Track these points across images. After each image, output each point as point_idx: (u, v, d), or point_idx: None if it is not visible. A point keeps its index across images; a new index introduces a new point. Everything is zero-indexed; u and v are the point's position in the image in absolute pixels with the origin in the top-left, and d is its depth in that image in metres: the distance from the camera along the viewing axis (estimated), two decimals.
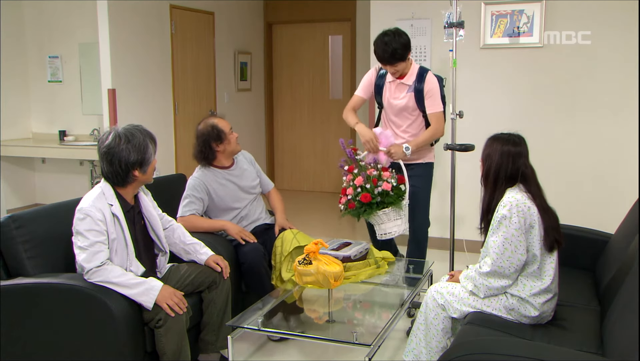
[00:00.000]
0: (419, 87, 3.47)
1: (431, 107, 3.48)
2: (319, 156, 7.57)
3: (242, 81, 6.98)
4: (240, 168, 3.44)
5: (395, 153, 3.38)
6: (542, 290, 2.35)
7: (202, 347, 2.81)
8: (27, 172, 6.46)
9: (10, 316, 2.49)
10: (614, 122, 4.39)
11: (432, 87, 3.46)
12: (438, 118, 3.49)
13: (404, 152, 3.39)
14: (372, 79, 3.65)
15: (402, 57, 3.39)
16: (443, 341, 2.51)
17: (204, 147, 3.30)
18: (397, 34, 3.38)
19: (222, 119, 3.38)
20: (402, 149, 3.39)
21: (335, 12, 7.09)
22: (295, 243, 3.14)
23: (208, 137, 3.28)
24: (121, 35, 5.10)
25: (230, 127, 3.36)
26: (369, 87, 3.67)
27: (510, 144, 2.41)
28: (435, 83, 3.48)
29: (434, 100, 3.47)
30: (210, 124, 3.31)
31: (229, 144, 3.33)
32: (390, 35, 3.37)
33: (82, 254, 2.41)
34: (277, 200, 3.60)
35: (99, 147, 2.54)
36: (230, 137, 3.33)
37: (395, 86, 3.54)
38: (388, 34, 3.39)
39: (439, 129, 3.50)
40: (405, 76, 3.51)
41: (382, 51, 3.37)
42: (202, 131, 3.31)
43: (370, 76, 3.66)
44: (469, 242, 4.12)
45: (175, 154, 5.75)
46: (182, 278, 2.74)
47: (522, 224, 2.30)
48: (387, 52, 3.36)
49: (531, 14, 4.43)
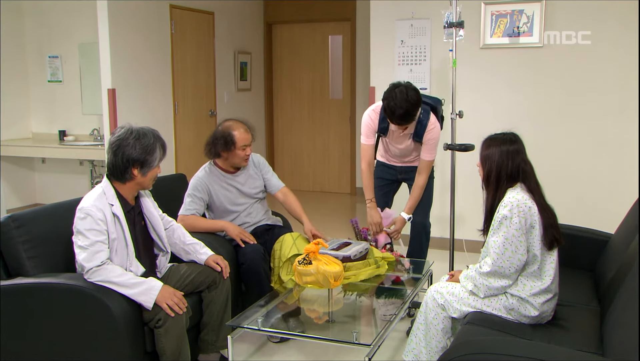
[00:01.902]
0: (419, 135, 3.39)
1: (426, 154, 3.43)
2: (319, 155, 7.57)
3: (242, 81, 6.98)
4: (245, 174, 3.41)
5: (397, 232, 3.55)
6: (542, 290, 2.35)
7: (202, 347, 2.81)
8: (27, 172, 6.47)
9: (10, 316, 2.49)
10: (614, 122, 4.39)
11: (432, 137, 3.39)
12: (429, 166, 3.48)
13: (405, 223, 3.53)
14: (375, 125, 3.48)
15: (413, 118, 3.24)
16: (443, 341, 2.51)
17: (212, 145, 3.29)
18: (408, 89, 3.15)
19: (246, 131, 3.28)
20: (403, 223, 3.53)
21: (335, 12, 7.09)
22: (294, 250, 3.12)
23: (217, 140, 3.26)
24: (121, 35, 5.10)
25: (245, 144, 3.26)
26: (373, 132, 3.53)
27: (507, 143, 2.42)
28: (436, 132, 3.39)
29: (432, 148, 3.43)
30: (229, 130, 3.25)
31: (234, 157, 3.29)
32: (404, 95, 3.12)
33: (82, 253, 2.41)
34: (294, 203, 3.48)
35: (110, 138, 2.56)
36: (238, 152, 3.26)
37: (397, 134, 3.45)
38: (399, 90, 3.14)
39: (426, 178, 3.50)
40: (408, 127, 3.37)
41: (395, 113, 3.15)
42: (218, 132, 3.29)
43: (372, 121, 3.48)
44: (469, 242, 4.12)
45: (175, 154, 5.76)
46: (182, 278, 2.74)
47: (522, 224, 2.30)
48: (400, 116, 3.14)
49: (531, 13, 4.43)
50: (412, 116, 3.20)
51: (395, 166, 3.65)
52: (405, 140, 3.47)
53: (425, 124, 3.37)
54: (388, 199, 3.72)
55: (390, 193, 3.74)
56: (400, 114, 3.14)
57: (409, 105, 3.13)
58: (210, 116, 6.34)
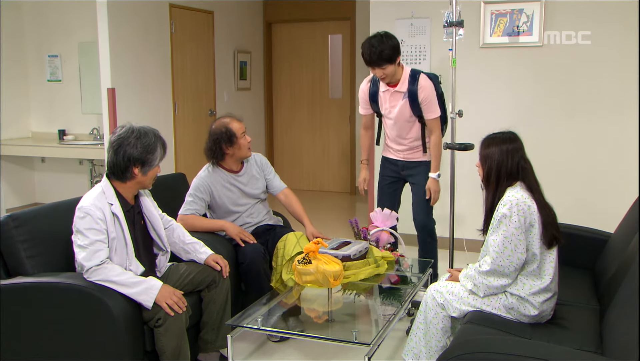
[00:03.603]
0: (412, 93, 3.42)
1: (429, 113, 3.45)
2: (319, 154, 7.56)
3: (241, 80, 6.98)
4: (248, 175, 3.41)
5: (435, 192, 3.52)
6: (542, 289, 2.35)
7: (202, 346, 2.81)
8: (26, 172, 6.46)
9: (9, 315, 2.49)
10: (614, 122, 4.39)
11: (427, 94, 3.41)
12: (437, 124, 3.49)
13: (438, 182, 3.52)
14: (366, 90, 3.60)
15: (389, 58, 3.30)
16: (443, 340, 2.51)
17: (214, 146, 3.28)
18: (385, 36, 3.32)
19: (238, 120, 3.32)
20: (436, 182, 3.51)
21: (334, 11, 7.09)
22: (297, 248, 3.12)
23: (219, 138, 3.25)
24: (121, 35, 5.10)
25: (243, 131, 3.29)
26: (366, 99, 3.62)
27: (507, 142, 2.42)
28: (429, 88, 3.42)
29: (431, 105, 3.44)
30: (224, 125, 3.27)
31: (239, 148, 3.29)
32: (378, 37, 3.31)
33: (82, 252, 2.41)
34: (295, 204, 3.51)
35: (111, 137, 2.56)
36: (242, 142, 3.28)
37: (389, 95, 3.50)
38: (375, 36, 3.33)
39: (439, 135, 3.51)
40: (398, 84, 3.45)
41: (369, 53, 3.30)
42: (215, 130, 3.29)
43: (364, 88, 3.62)
44: (469, 241, 4.12)
45: (174, 154, 5.75)
46: (182, 277, 2.74)
47: (522, 223, 2.30)
48: (374, 54, 3.28)
49: (530, 13, 4.43)
50: (389, 56, 3.29)
51: (398, 160, 3.64)
52: (399, 100, 3.46)
53: (417, 82, 3.41)
54: (395, 200, 3.72)
55: (397, 192, 3.74)
56: (380, 50, 3.26)
57: (385, 46, 3.27)
58: (210, 115, 6.33)
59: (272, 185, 3.52)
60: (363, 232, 3.41)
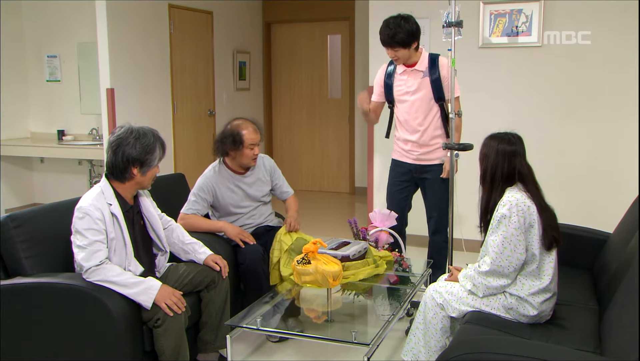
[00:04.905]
0: (434, 72, 3.39)
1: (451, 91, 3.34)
2: (318, 155, 7.56)
3: (240, 81, 6.98)
4: (254, 176, 3.39)
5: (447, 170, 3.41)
6: (541, 289, 2.35)
7: (201, 346, 2.81)
8: (25, 172, 6.46)
9: (9, 315, 2.49)
10: (613, 122, 4.39)
11: (446, 75, 3.39)
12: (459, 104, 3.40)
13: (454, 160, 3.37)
14: (382, 79, 3.56)
15: (402, 42, 3.29)
16: (442, 341, 2.51)
17: (220, 143, 3.28)
18: (404, 19, 3.31)
19: (255, 131, 3.27)
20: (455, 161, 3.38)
21: (334, 11, 7.09)
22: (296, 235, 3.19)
23: (227, 138, 3.24)
24: (120, 35, 5.10)
25: (253, 143, 3.25)
26: (381, 82, 3.58)
27: (505, 143, 2.41)
28: (446, 68, 3.39)
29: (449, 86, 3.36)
30: (237, 128, 3.25)
31: (242, 156, 3.27)
32: (396, 19, 3.31)
33: (81, 253, 2.41)
34: (291, 203, 3.55)
35: (110, 137, 2.56)
36: (246, 151, 3.24)
37: (407, 75, 3.45)
38: (396, 17, 3.33)
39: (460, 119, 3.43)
40: (417, 63, 3.42)
41: (384, 33, 3.31)
42: (227, 130, 3.28)
43: (380, 76, 3.58)
44: (468, 241, 4.12)
45: (173, 154, 5.75)
46: (181, 278, 2.74)
47: (521, 223, 2.30)
48: (387, 35, 3.29)
49: (530, 13, 4.43)
50: (403, 40, 3.28)
51: (410, 164, 3.58)
52: (418, 79, 3.41)
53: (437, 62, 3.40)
54: (406, 204, 3.67)
55: (408, 197, 3.68)
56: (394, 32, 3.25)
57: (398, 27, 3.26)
58: (209, 116, 6.33)
59: (281, 191, 3.52)
60: (362, 232, 3.41)
